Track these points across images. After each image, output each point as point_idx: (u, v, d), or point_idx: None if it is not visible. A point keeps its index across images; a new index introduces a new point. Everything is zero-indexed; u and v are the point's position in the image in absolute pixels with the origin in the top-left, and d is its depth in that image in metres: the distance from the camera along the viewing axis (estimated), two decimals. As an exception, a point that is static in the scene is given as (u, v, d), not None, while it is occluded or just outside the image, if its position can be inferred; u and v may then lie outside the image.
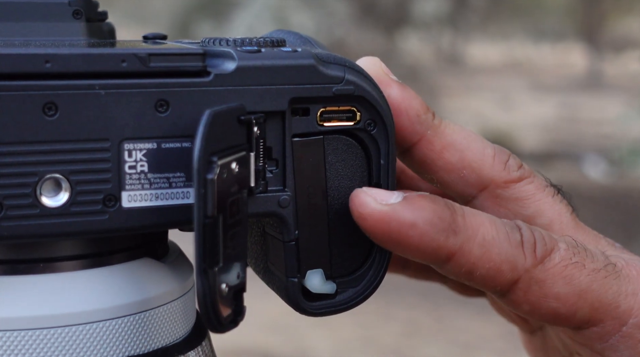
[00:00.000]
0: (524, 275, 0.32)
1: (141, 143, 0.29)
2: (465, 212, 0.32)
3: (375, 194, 0.31)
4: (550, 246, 0.32)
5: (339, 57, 0.32)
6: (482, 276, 0.32)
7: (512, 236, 0.32)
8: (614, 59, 6.56)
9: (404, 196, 0.31)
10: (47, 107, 0.28)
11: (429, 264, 0.32)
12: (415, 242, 0.31)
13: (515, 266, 0.32)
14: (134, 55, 0.29)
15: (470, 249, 0.31)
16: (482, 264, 0.31)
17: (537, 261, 0.32)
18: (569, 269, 0.32)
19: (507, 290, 0.32)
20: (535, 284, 0.32)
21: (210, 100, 0.29)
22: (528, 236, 0.32)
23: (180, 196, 0.30)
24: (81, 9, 0.34)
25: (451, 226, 0.31)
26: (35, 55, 0.28)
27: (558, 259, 0.32)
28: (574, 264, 0.32)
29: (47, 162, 0.28)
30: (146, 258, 0.32)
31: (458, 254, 0.31)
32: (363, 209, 0.31)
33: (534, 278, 0.32)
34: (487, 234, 0.32)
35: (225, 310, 0.28)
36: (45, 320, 0.29)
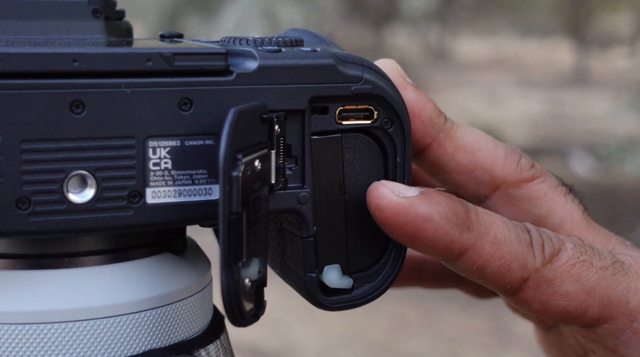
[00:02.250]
0: (534, 274, 0.32)
1: (165, 140, 0.30)
2: (478, 210, 0.33)
3: (393, 187, 0.32)
4: (557, 246, 0.33)
5: (357, 56, 0.32)
6: (493, 274, 0.32)
7: (522, 236, 0.33)
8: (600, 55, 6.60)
9: (421, 191, 0.32)
10: (75, 105, 0.28)
11: (441, 259, 0.33)
12: (430, 235, 0.31)
13: (525, 265, 0.32)
14: (159, 55, 0.29)
15: (483, 245, 0.32)
16: (493, 261, 0.32)
17: (545, 260, 0.33)
18: (576, 268, 0.33)
19: (517, 289, 0.33)
20: (545, 282, 0.33)
21: (233, 99, 0.30)
22: (536, 237, 0.33)
23: (203, 192, 0.30)
24: (100, 8, 0.34)
25: (465, 222, 0.32)
26: (64, 54, 0.28)
27: (566, 258, 0.33)
28: (581, 262, 0.33)
29: (74, 159, 0.29)
30: (166, 253, 0.33)
31: (471, 250, 0.32)
32: (381, 200, 0.31)
33: (544, 277, 0.33)
34: (499, 232, 0.32)
35: (247, 304, 0.29)
36: (70, 313, 0.30)
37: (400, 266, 0.34)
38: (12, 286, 0.30)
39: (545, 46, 7.78)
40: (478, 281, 0.33)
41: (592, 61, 6.83)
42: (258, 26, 4.79)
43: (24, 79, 0.28)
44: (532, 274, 0.33)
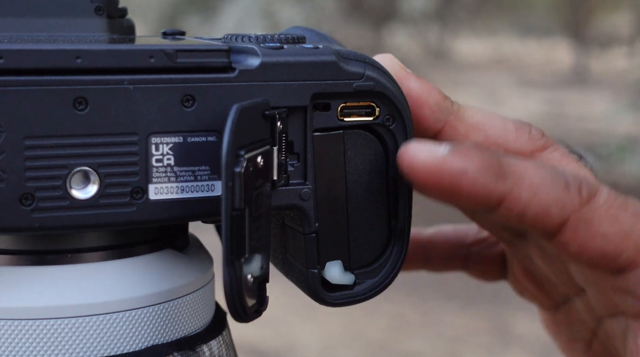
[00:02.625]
0: (573, 215, 0.33)
1: (168, 137, 0.30)
2: (510, 158, 0.33)
3: (423, 146, 0.32)
4: (594, 189, 0.33)
5: (359, 54, 0.32)
6: (532, 218, 0.32)
7: (559, 179, 0.33)
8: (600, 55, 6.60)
9: (452, 146, 0.32)
10: (78, 101, 0.28)
11: (480, 210, 0.33)
12: (467, 189, 0.31)
13: (564, 207, 0.32)
14: (161, 52, 0.29)
15: (520, 192, 0.32)
16: (532, 206, 0.32)
17: (583, 201, 0.33)
18: (613, 210, 0.33)
19: (556, 231, 0.33)
20: (583, 223, 0.33)
21: (235, 96, 0.30)
22: (572, 179, 0.33)
23: (205, 188, 0.30)
24: (102, 5, 0.34)
25: (500, 172, 0.32)
26: (66, 51, 0.28)
27: (602, 200, 0.33)
28: (617, 205, 0.33)
29: (77, 155, 0.29)
30: (169, 250, 0.33)
31: (509, 197, 0.32)
32: (415, 161, 0.31)
33: (582, 218, 0.33)
34: (534, 178, 0.32)
35: (250, 300, 0.29)
36: (73, 309, 0.30)
37: (402, 261, 0.34)
38: (15, 282, 0.30)
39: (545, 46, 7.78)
40: (518, 226, 0.33)
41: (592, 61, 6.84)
42: (258, 26, 4.80)
43: (26, 76, 0.28)
44: (571, 215, 0.33)
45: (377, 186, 0.33)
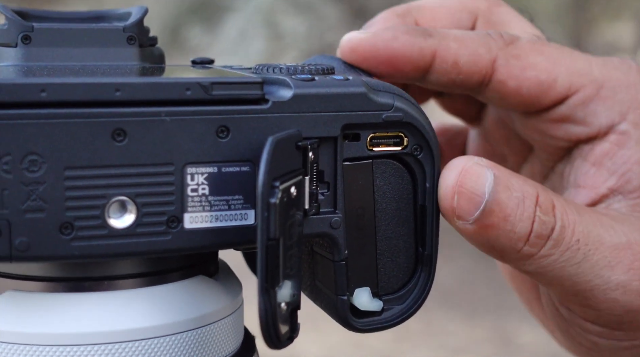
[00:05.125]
0: (500, 52, 0.36)
1: (203, 167, 0.30)
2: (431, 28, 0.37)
3: (358, 32, 0.37)
4: (514, 36, 0.37)
5: (388, 85, 0.33)
6: (466, 63, 0.36)
7: (479, 32, 0.37)
8: (602, 64, 6.61)
9: (380, 27, 0.37)
10: (117, 133, 0.29)
11: (417, 71, 0.36)
12: (401, 50, 0.36)
13: (490, 47, 0.36)
14: (197, 84, 0.30)
15: (448, 44, 0.36)
16: (462, 52, 0.36)
17: (507, 42, 0.37)
18: (537, 45, 0.37)
19: (490, 72, 0.36)
20: (512, 58, 0.37)
21: (268, 127, 0.31)
22: (492, 31, 0.38)
23: (239, 217, 0.31)
24: (134, 35, 0.35)
25: (426, 32, 0.36)
26: (106, 84, 0.29)
27: (524, 40, 0.37)
28: (539, 42, 0.37)
29: (115, 185, 0.29)
30: (200, 276, 0.34)
31: (439, 50, 0.36)
32: (353, 42, 0.36)
33: (509, 54, 0.37)
34: (457, 32, 0.37)
35: (283, 327, 0.30)
36: (109, 336, 0.31)
37: (429, 288, 0.35)
38: (53, 308, 0.31)
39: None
40: (457, 78, 0.37)
41: (594, 70, 6.84)
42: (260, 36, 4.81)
43: (68, 108, 0.29)
44: (498, 53, 0.36)
45: (404, 213, 0.34)
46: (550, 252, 0.34)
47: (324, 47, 4.75)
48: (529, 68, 0.36)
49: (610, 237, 0.34)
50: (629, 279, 0.34)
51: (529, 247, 0.34)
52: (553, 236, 0.34)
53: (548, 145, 0.39)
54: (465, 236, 0.34)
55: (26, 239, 0.29)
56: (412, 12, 0.41)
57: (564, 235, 0.34)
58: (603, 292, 0.34)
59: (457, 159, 0.34)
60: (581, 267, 0.34)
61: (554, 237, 0.34)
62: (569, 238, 0.34)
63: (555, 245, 0.34)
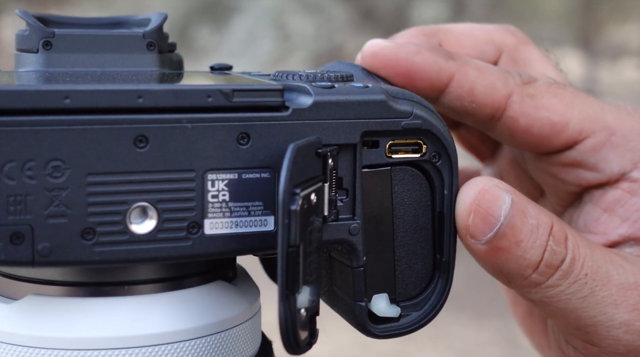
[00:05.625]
0: (516, 89, 0.37)
1: (223, 173, 0.31)
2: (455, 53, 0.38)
3: (383, 40, 0.37)
4: (533, 77, 0.38)
5: (407, 92, 0.33)
6: (481, 94, 0.36)
7: (500, 68, 0.38)
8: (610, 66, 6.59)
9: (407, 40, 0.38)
10: (139, 139, 0.29)
11: (433, 89, 0.37)
12: (421, 65, 0.36)
13: (507, 82, 0.37)
14: (219, 91, 0.30)
15: (467, 70, 0.37)
16: (479, 82, 0.37)
17: (525, 81, 0.37)
18: (553, 88, 0.37)
19: (504, 107, 0.37)
20: (527, 96, 0.37)
21: (289, 134, 0.31)
22: (512, 70, 0.38)
23: (258, 223, 0.31)
24: (154, 41, 0.35)
25: (448, 54, 0.37)
26: (129, 91, 0.29)
27: (542, 82, 0.38)
28: (556, 84, 0.38)
29: (137, 191, 0.30)
30: (219, 281, 0.34)
31: (458, 74, 0.36)
32: (375, 48, 0.37)
33: (525, 92, 0.37)
34: (478, 63, 0.37)
35: (302, 333, 0.30)
36: (129, 340, 0.31)
37: (447, 294, 0.35)
38: (73, 312, 0.31)
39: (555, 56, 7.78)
40: (470, 106, 0.37)
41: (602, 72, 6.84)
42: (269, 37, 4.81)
43: (91, 115, 0.29)
44: (514, 89, 0.37)
45: (422, 220, 0.34)
46: (558, 282, 0.34)
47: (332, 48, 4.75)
48: (542, 108, 0.36)
49: (619, 276, 0.35)
50: (632, 319, 0.34)
51: (538, 276, 0.34)
52: (562, 267, 0.34)
53: (559, 189, 0.39)
54: (476, 255, 0.34)
55: (49, 244, 0.29)
56: (438, 35, 0.41)
57: (573, 267, 0.34)
58: (606, 329, 0.35)
59: (477, 178, 0.34)
60: (586, 302, 0.34)
61: (563, 268, 0.34)
62: (577, 271, 0.34)
63: (563, 276, 0.34)
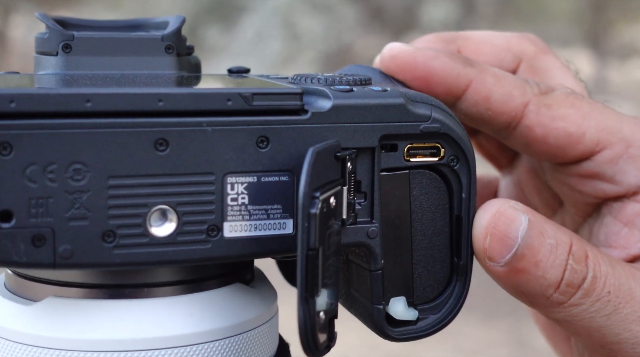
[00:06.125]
0: (533, 98, 0.37)
1: (243, 177, 0.31)
2: None
3: (403, 44, 0.37)
4: (550, 87, 0.38)
5: (425, 96, 0.33)
6: (498, 101, 0.36)
7: (518, 77, 0.38)
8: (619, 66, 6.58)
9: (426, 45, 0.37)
10: (159, 143, 0.30)
11: (449, 95, 0.37)
12: (439, 69, 0.36)
13: (524, 91, 0.37)
14: (238, 95, 0.30)
15: (485, 77, 0.36)
16: (496, 89, 0.36)
17: (542, 91, 0.37)
18: (570, 98, 0.37)
19: (520, 115, 0.36)
20: (544, 106, 0.37)
21: (308, 137, 0.31)
22: (530, 80, 0.38)
23: (277, 226, 0.31)
24: (172, 44, 0.36)
25: (467, 60, 0.37)
26: (150, 94, 0.29)
27: (559, 92, 0.37)
28: (574, 95, 0.37)
29: (157, 194, 0.30)
30: (237, 284, 0.34)
31: (475, 81, 0.36)
32: (394, 51, 0.37)
33: (542, 102, 0.37)
34: (497, 71, 0.37)
35: (321, 336, 0.30)
36: (148, 342, 0.31)
37: (464, 298, 0.35)
38: (93, 314, 0.31)
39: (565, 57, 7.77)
40: (486, 113, 0.37)
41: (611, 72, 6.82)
42: (277, 37, 4.82)
43: (112, 118, 0.29)
44: (531, 98, 0.37)
45: (440, 224, 0.34)
46: (581, 301, 0.34)
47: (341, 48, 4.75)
48: (559, 119, 0.36)
49: None
50: None
51: (559, 295, 0.34)
52: (584, 286, 0.34)
53: (577, 200, 0.39)
54: (495, 278, 0.34)
55: (70, 246, 0.29)
56: (457, 41, 0.41)
57: (595, 285, 0.34)
58: (631, 346, 0.34)
59: (493, 201, 0.34)
60: (610, 320, 0.34)
61: (585, 287, 0.34)
62: (600, 289, 0.34)
63: (585, 295, 0.34)
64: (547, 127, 0.36)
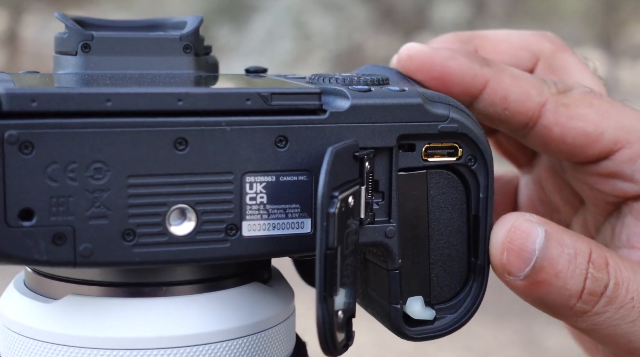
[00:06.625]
0: (550, 98, 0.36)
1: (261, 176, 0.31)
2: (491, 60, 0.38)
3: (421, 44, 0.37)
4: (568, 86, 0.38)
5: (443, 96, 0.33)
6: (515, 101, 0.36)
7: (536, 76, 0.38)
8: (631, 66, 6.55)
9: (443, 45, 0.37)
10: (178, 142, 0.30)
11: (466, 95, 0.36)
12: (456, 70, 0.36)
13: (542, 91, 0.37)
14: (257, 94, 0.30)
15: (502, 77, 0.36)
16: (513, 89, 0.36)
17: (560, 90, 0.37)
18: (588, 97, 0.37)
19: (538, 115, 0.36)
20: (562, 106, 0.36)
21: (326, 137, 0.31)
22: (548, 79, 0.38)
23: (295, 226, 0.32)
24: (191, 44, 0.36)
25: (484, 61, 0.37)
26: (169, 94, 0.29)
27: (578, 91, 0.37)
28: (592, 94, 0.37)
29: (176, 193, 0.30)
30: (255, 283, 0.34)
31: (492, 81, 0.36)
32: (411, 51, 0.37)
33: (560, 101, 0.37)
34: (514, 70, 0.37)
35: (339, 335, 0.30)
36: (167, 341, 0.31)
37: (482, 297, 0.35)
38: (112, 312, 0.31)
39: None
40: (503, 113, 0.37)
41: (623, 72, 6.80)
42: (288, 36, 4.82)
43: (132, 118, 0.29)
44: (549, 98, 0.36)
45: (458, 223, 0.34)
46: (604, 309, 0.34)
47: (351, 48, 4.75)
48: (577, 118, 0.36)
49: None
50: None
51: (582, 304, 0.34)
52: (607, 294, 0.34)
53: (597, 199, 0.39)
54: (516, 291, 0.34)
55: (90, 245, 0.29)
56: (474, 41, 0.41)
57: (617, 292, 0.34)
58: None
59: (508, 215, 0.34)
60: (636, 326, 0.34)
61: (608, 294, 0.34)
62: (623, 296, 0.34)
63: (609, 302, 0.34)
64: (565, 127, 0.36)
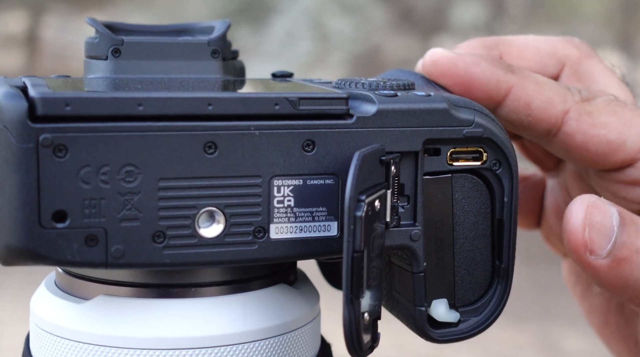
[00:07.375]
0: (574, 106, 0.37)
1: (289, 180, 0.31)
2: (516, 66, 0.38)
3: (445, 50, 0.38)
4: (592, 94, 0.38)
5: (468, 101, 0.34)
6: (538, 108, 0.37)
7: (560, 83, 0.38)
8: (651, 68, 6.51)
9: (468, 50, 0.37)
10: (208, 146, 0.30)
11: (490, 101, 0.37)
12: (480, 75, 0.36)
13: (565, 99, 0.37)
14: (285, 99, 0.31)
15: (526, 84, 0.37)
16: (537, 96, 0.37)
17: (584, 98, 0.37)
18: (612, 105, 0.37)
19: (560, 123, 0.37)
20: (585, 114, 0.37)
21: (353, 141, 0.32)
22: (572, 87, 0.38)
23: (322, 228, 0.32)
24: (218, 49, 0.36)
25: (509, 67, 0.37)
26: (200, 98, 0.30)
27: (602, 99, 0.37)
28: (616, 102, 0.37)
29: (206, 196, 0.31)
30: (282, 284, 0.34)
31: (516, 87, 0.37)
32: (435, 56, 0.37)
33: (583, 109, 0.37)
34: (538, 77, 0.37)
35: (365, 337, 0.31)
36: (195, 341, 0.32)
37: (506, 300, 0.35)
38: (142, 312, 0.32)
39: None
40: (526, 120, 0.37)
41: (643, 74, 6.77)
42: (307, 37, 4.83)
43: (163, 122, 0.30)
44: (572, 106, 0.37)
45: (482, 227, 0.35)
46: None
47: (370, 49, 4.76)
48: (600, 126, 0.37)
49: None
50: None
51: None
52: None
53: (622, 206, 0.38)
54: (598, 273, 0.34)
55: (121, 246, 0.30)
56: (499, 46, 0.41)
57: None
58: None
59: (582, 196, 0.34)
60: None
61: None
62: None
63: None
64: (587, 135, 0.36)
